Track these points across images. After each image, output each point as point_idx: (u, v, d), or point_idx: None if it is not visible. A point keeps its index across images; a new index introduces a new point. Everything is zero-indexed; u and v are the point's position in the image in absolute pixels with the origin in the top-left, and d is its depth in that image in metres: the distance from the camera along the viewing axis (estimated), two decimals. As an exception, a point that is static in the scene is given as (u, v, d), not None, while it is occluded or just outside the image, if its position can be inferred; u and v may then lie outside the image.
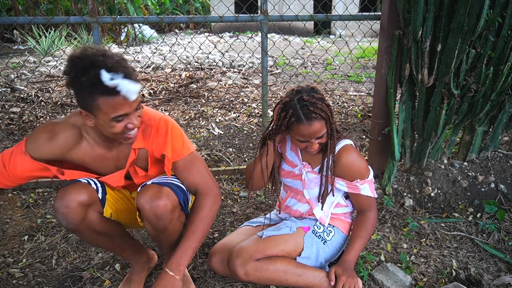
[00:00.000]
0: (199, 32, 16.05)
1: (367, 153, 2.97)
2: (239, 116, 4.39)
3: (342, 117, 4.26)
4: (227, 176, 2.90)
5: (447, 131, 2.45)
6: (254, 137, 3.73)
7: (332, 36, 14.05)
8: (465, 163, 2.50)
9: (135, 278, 1.74)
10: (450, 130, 2.55)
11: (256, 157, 1.79)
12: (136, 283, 1.73)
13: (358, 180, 1.65)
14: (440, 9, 2.10)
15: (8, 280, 1.81)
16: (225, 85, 5.84)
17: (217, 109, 4.63)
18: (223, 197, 2.60)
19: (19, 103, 4.73)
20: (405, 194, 2.45)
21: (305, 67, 7.24)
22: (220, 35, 13.00)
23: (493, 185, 2.37)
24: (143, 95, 5.13)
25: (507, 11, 2.00)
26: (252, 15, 2.60)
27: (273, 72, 6.77)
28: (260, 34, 2.66)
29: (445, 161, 2.55)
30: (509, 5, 1.99)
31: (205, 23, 13.24)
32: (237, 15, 2.59)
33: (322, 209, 1.74)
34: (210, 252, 1.79)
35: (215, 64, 7.46)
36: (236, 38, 10.51)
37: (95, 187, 1.51)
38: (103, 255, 1.99)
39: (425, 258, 1.97)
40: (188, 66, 7.23)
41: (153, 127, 1.49)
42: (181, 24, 16.02)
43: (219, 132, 3.84)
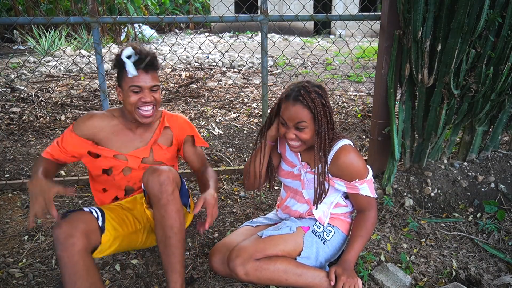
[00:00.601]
0: (199, 32, 16.05)
1: (367, 153, 2.97)
2: (239, 116, 4.39)
3: (342, 117, 4.26)
4: (227, 176, 2.90)
5: (447, 131, 2.45)
6: (254, 137, 3.73)
7: (332, 36, 14.06)
8: (465, 163, 2.50)
9: None
10: (450, 130, 2.55)
11: (251, 155, 1.79)
12: None
13: (357, 180, 1.65)
14: (440, 9, 2.10)
15: (8, 280, 1.81)
16: (225, 85, 5.84)
17: (217, 109, 4.63)
18: (223, 197, 2.61)
19: (19, 103, 4.73)
20: (405, 194, 2.45)
21: (305, 67, 7.24)
22: (220, 35, 13.01)
23: (493, 185, 2.38)
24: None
25: (507, 11, 2.00)
26: (252, 15, 2.60)
27: (273, 72, 6.77)
28: (260, 34, 2.66)
29: (445, 161, 2.55)
30: (509, 5, 1.99)
31: (205, 23, 13.25)
32: (237, 15, 2.59)
33: (316, 209, 1.73)
34: (210, 252, 1.79)
35: (215, 64, 7.46)
36: (236, 38, 10.51)
37: (96, 215, 1.61)
38: (103, 255, 1.99)
39: (425, 258, 1.97)
40: (188, 66, 7.23)
41: (177, 117, 1.91)
42: (181, 24, 16.02)
43: (219, 132, 3.85)
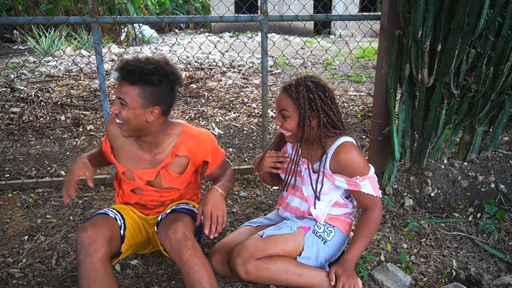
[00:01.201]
0: (199, 32, 16.05)
1: (367, 153, 2.97)
2: (239, 116, 4.39)
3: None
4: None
5: (447, 131, 2.45)
6: (254, 137, 3.73)
7: (332, 36, 14.05)
8: (465, 163, 2.50)
9: None
10: (450, 130, 2.55)
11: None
12: None
13: (358, 176, 1.64)
14: (440, 9, 2.10)
15: (8, 280, 1.81)
16: (225, 85, 5.84)
17: (217, 109, 4.63)
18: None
19: (19, 103, 4.73)
20: (405, 194, 2.45)
21: (305, 67, 7.24)
22: (220, 35, 13.01)
23: (493, 185, 2.37)
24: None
25: (507, 11, 2.00)
26: (252, 15, 2.60)
27: (273, 72, 6.77)
28: (260, 34, 2.66)
29: (445, 161, 2.55)
30: (509, 5, 1.99)
31: (205, 23, 13.25)
32: (237, 15, 2.59)
33: (315, 208, 1.73)
34: (210, 252, 1.79)
35: (215, 64, 7.46)
36: (236, 38, 10.51)
37: (119, 223, 1.63)
38: (103, 255, 1.99)
39: (425, 258, 1.97)
40: (188, 66, 7.23)
41: (197, 139, 1.71)
42: (181, 24, 16.02)
43: (219, 132, 3.85)
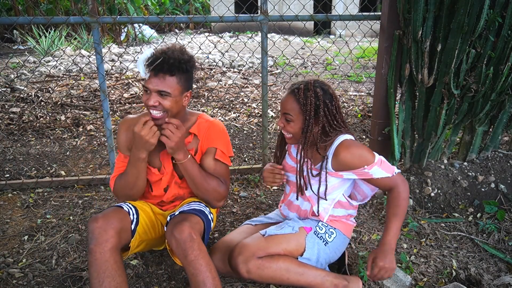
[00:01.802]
0: (199, 32, 16.05)
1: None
2: (239, 116, 4.39)
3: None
4: (227, 176, 2.90)
5: (447, 131, 2.45)
6: (254, 137, 3.73)
7: (332, 36, 14.05)
8: (465, 163, 2.50)
9: None
10: (450, 130, 2.55)
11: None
12: None
13: (366, 166, 1.62)
14: (440, 9, 2.10)
15: (8, 280, 1.81)
16: (225, 85, 5.84)
17: (217, 109, 4.63)
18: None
19: (19, 103, 4.73)
20: (405, 194, 2.44)
21: (305, 67, 7.24)
22: (220, 35, 13.00)
23: (493, 185, 2.37)
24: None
25: (507, 11, 2.00)
26: (252, 15, 2.60)
27: (273, 72, 6.77)
28: (260, 34, 2.66)
29: (445, 161, 2.55)
30: (509, 5, 1.99)
31: (205, 23, 13.24)
32: (237, 15, 2.59)
33: (318, 208, 1.73)
34: (210, 250, 1.79)
35: (215, 64, 7.46)
36: (236, 38, 10.51)
37: (131, 218, 1.63)
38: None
39: (425, 258, 1.97)
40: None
41: (211, 123, 1.77)
42: (181, 24, 16.01)
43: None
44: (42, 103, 4.76)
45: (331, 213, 1.76)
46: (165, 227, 1.63)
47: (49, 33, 8.45)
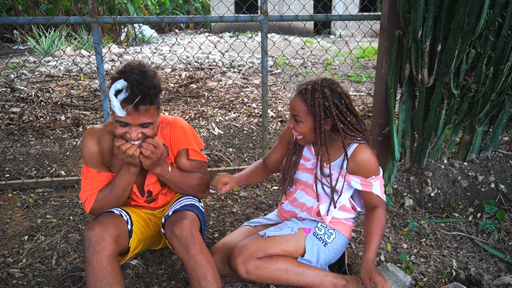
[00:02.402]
0: (199, 32, 16.05)
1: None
2: (239, 116, 4.39)
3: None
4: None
5: (447, 131, 2.45)
6: (254, 137, 3.73)
7: (332, 36, 14.05)
8: (465, 163, 2.50)
9: None
10: (450, 130, 2.54)
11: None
12: None
13: (373, 176, 1.67)
14: (440, 9, 2.10)
15: (8, 280, 1.81)
16: (225, 85, 5.84)
17: (217, 109, 4.63)
18: (223, 197, 2.61)
19: (19, 103, 4.73)
20: (405, 194, 2.45)
21: (305, 67, 7.24)
22: (220, 35, 13.01)
23: (493, 185, 2.37)
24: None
25: (507, 11, 2.00)
26: (252, 15, 2.59)
27: (273, 72, 6.77)
28: (260, 34, 2.66)
29: (445, 161, 2.55)
30: (509, 5, 1.99)
31: (205, 23, 13.25)
32: (237, 15, 2.59)
33: (329, 208, 1.74)
34: (210, 251, 1.79)
35: (215, 64, 7.46)
36: (236, 38, 10.51)
37: (125, 219, 1.64)
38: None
39: (425, 258, 1.97)
40: (188, 66, 7.23)
41: (173, 125, 1.73)
42: (181, 24, 16.02)
43: (219, 132, 3.85)
44: (42, 103, 4.76)
45: (334, 214, 1.76)
46: (162, 229, 1.64)
47: (49, 33, 8.45)
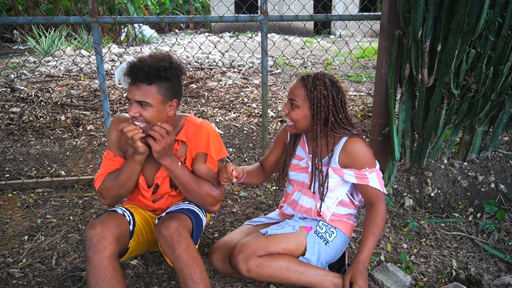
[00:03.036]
0: (199, 32, 16.05)
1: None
2: (239, 116, 4.39)
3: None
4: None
5: (447, 131, 2.45)
6: (254, 137, 3.73)
7: (332, 36, 14.05)
8: (465, 163, 2.50)
9: None
10: (450, 130, 2.55)
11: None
12: None
13: (367, 168, 1.66)
14: (440, 9, 2.10)
15: (8, 280, 1.81)
16: (225, 85, 5.84)
17: (217, 109, 4.63)
18: (223, 197, 2.61)
19: (19, 103, 4.73)
20: (405, 194, 2.45)
21: (305, 67, 7.24)
22: (220, 35, 13.01)
23: (493, 185, 2.37)
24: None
25: (507, 11, 2.00)
26: (252, 15, 2.60)
27: (273, 72, 6.77)
28: (260, 34, 2.66)
29: (445, 161, 2.55)
30: (509, 5, 1.99)
31: (205, 23, 13.25)
32: (237, 15, 2.59)
33: (324, 202, 1.73)
34: (210, 250, 1.80)
35: (215, 64, 7.46)
36: (236, 38, 10.51)
37: (128, 219, 1.62)
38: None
39: (425, 258, 1.97)
40: (188, 66, 7.23)
41: (199, 127, 1.68)
42: (181, 24, 16.01)
43: (219, 132, 3.85)
44: (42, 103, 4.76)
45: (334, 210, 1.77)
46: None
47: (49, 33, 8.45)
